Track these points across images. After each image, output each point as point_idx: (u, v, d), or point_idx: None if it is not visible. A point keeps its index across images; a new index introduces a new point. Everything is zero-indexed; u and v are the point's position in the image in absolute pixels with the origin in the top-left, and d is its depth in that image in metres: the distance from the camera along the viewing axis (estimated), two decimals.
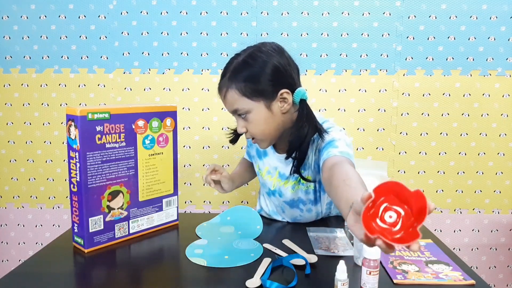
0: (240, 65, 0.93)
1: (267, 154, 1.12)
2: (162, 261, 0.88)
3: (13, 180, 1.72)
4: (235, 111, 0.96)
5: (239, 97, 0.93)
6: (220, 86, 0.98)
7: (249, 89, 0.92)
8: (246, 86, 0.92)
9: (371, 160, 1.64)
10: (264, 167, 1.14)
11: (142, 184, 1.00)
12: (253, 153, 1.19)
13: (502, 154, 1.66)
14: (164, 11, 1.59)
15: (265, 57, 0.93)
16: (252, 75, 0.92)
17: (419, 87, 1.62)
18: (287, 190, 1.09)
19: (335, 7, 1.57)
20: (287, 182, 1.09)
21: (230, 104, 0.96)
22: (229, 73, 0.94)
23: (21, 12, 1.60)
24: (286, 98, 0.95)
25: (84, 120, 0.86)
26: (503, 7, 1.55)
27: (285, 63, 0.95)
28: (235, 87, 0.93)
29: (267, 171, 1.13)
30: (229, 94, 0.94)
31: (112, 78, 1.64)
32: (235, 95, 0.93)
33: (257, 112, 0.94)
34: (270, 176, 1.12)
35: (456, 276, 0.80)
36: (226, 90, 0.94)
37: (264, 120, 0.95)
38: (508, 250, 1.74)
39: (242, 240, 0.98)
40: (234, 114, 0.99)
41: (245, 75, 0.92)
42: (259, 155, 1.16)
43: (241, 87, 0.92)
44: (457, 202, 1.70)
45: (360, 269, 0.75)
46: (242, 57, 0.94)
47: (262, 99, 0.93)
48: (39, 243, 1.76)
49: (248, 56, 0.94)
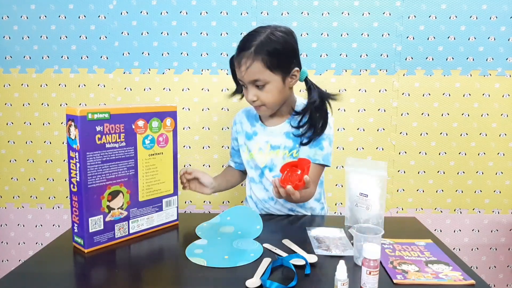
0: (266, 40, 1.03)
1: (257, 133, 1.21)
2: (162, 261, 0.88)
3: (13, 180, 1.72)
4: (255, 81, 1.06)
5: (263, 69, 1.04)
6: (241, 57, 1.05)
7: (273, 62, 1.03)
8: (271, 59, 1.03)
9: (371, 160, 1.64)
10: (255, 147, 1.21)
11: (142, 184, 1.00)
12: (242, 140, 1.25)
13: (502, 154, 1.66)
14: (164, 11, 1.59)
15: (285, 36, 1.06)
16: (276, 50, 1.03)
17: (419, 87, 1.62)
18: (279, 161, 1.17)
19: (335, 7, 1.57)
20: (278, 152, 1.17)
21: (252, 75, 1.04)
22: (254, 47, 1.03)
23: (21, 12, 1.60)
24: (295, 75, 1.10)
25: (84, 120, 0.86)
26: (503, 7, 1.55)
27: (296, 44, 1.10)
28: (261, 59, 1.03)
29: (259, 148, 1.20)
30: (254, 65, 1.03)
31: (112, 78, 1.64)
32: (260, 67, 1.03)
33: (274, 84, 1.06)
34: (261, 152, 1.19)
35: (456, 276, 0.80)
36: (252, 61, 1.03)
37: (277, 91, 1.08)
38: (508, 250, 1.74)
39: (242, 240, 0.98)
40: (250, 84, 1.07)
41: (271, 49, 1.03)
42: (248, 138, 1.23)
43: (267, 60, 1.03)
44: (457, 202, 1.70)
45: (360, 269, 0.75)
46: (265, 34, 1.04)
47: (280, 73, 1.06)
48: (39, 243, 1.76)
49: (270, 33, 1.04)
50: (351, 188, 1.05)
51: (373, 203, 1.01)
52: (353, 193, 1.05)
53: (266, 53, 1.02)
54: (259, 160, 1.20)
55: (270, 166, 1.19)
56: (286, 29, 1.08)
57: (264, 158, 1.19)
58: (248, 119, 1.25)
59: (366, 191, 1.02)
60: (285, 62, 1.06)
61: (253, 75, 1.04)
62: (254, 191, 1.25)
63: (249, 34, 1.07)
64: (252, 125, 1.24)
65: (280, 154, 1.17)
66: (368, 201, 1.01)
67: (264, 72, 1.04)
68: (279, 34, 1.04)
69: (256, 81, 1.05)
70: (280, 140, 1.17)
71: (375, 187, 1.01)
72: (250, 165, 1.24)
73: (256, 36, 1.04)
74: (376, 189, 1.00)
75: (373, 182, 1.01)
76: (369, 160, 1.65)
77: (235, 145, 1.31)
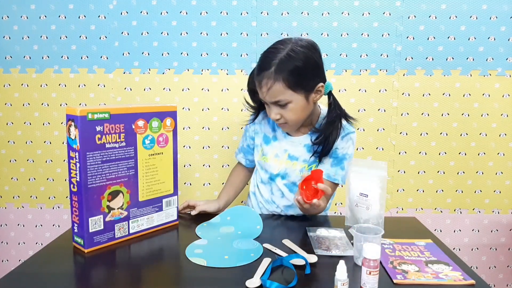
0: (286, 58, 0.99)
1: (277, 139, 1.18)
2: (162, 261, 0.88)
3: (13, 180, 1.72)
4: (277, 102, 1.03)
5: (284, 89, 1.00)
6: (262, 77, 1.01)
7: (294, 82, 1.00)
8: (292, 79, 0.99)
9: (371, 160, 1.64)
10: (271, 152, 1.18)
11: (142, 184, 1.00)
12: (259, 141, 1.22)
13: (502, 154, 1.66)
14: (164, 11, 1.59)
15: (307, 52, 1.01)
16: (297, 69, 0.99)
17: (419, 87, 1.62)
18: (294, 172, 1.16)
19: (335, 7, 1.57)
20: (295, 164, 1.16)
21: (274, 96, 1.01)
22: (274, 66, 0.99)
23: (21, 12, 1.60)
24: (320, 90, 1.06)
25: (84, 120, 0.86)
26: (503, 7, 1.55)
27: (320, 57, 1.05)
28: (282, 80, 0.99)
29: (275, 155, 1.18)
30: (276, 86, 1.00)
31: (112, 78, 1.64)
32: (281, 88, 1.00)
33: (296, 102, 1.03)
34: (277, 159, 1.17)
35: (456, 276, 0.80)
36: (273, 82, 0.99)
37: (301, 110, 1.05)
38: (508, 250, 1.74)
39: (242, 240, 0.98)
40: (271, 104, 1.04)
41: (291, 68, 0.99)
42: (266, 141, 1.20)
43: (288, 80, 0.99)
44: (457, 202, 1.70)
45: (360, 269, 0.75)
46: (285, 51, 0.99)
47: (303, 91, 1.02)
48: (39, 243, 1.76)
49: (291, 50, 1.00)
50: (351, 188, 1.05)
51: (373, 203, 1.01)
52: (353, 193, 1.05)
53: (287, 73, 0.98)
54: (273, 166, 1.18)
55: (283, 175, 1.17)
56: (308, 42, 1.03)
57: (279, 166, 1.17)
58: (270, 121, 1.21)
59: (366, 191, 1.02)
60: (307, 80, 1.02)
61: (275, 96, 1.01)
62: (260, 190, 1.23)
63: (268, 52, 1.03)
64: (273, 129, 1.20)
65: (298, 166, 1.15)
66: (368, 201, 1.01)
67: (286, 92, 1.01)
68: (299, 50, 1.00)
69: (278, 102, 1.03)
70: (300, 152, 1.15)
71: (375, 187, 1.01)
72: (261, 166, 1.22)
73: (276, 53, 1.00)
74: (376, 189, 1.01)
75: (373, 182, 1.01)
76: (369, 160, 1.65)
77: (250, 144, 1.26)
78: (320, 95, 1.07)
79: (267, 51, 1.04)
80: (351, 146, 1.15)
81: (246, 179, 1.35)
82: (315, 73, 1.03)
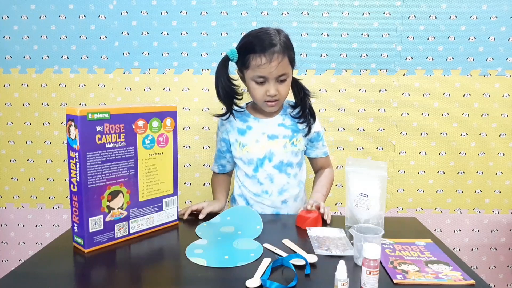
0: (286, 38, 1.13)
1: (251, 127, 1.23)
2: (162, 261, 0.88)
3: (13, 180, 1.72)
4: (281, 75, 1.12)
5: (288, 64, 1.13)
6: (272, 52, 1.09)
7: (293, 59, 1.15)
8: (292, 56, 1.14)
9: (371, 160, 1.64)
10: (250, 140, 1.22)
11: (142, 184, 1.00)
12: (233, 137, 1.25)
13: (502, 154, 1.66)
14: (164, 11, 1.59)
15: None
16: (291, 47, 1.15)
17: (419, 87, 1.62)
18: (279, 150, 1.21)
19: (335, 7, 1.57)
20: (277, 142, 1.21)
21: (282, 69, 1.11)
22: (282, 44, 1.10)
23: (21, 12, 1.60)
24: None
25: (84, 120, 0.86)
26: (503, 7, 1.56)
27: None
28: (287, 56, 1.12)
29: (256, 141, 1.22)
30: (285, 61, 1.11)
31: (112, 78, 1.64)
32: (287, 62, 1.12)
33: (290, 78, 1.17)
34: (258, 144, 1.21)
35: (456, 276, 0.80)
36: (283, 57, 1.10)
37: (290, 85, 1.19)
38: (508, 250, 1.74)
39: (242, 240, 0.98)
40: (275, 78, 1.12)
41: (292, 47, 1.15)
42: (241, 132, 1.23)
43: (291, 56, 1.13)
44: (457, 202, 1.70)
45: (360, 269, 0.75)
46: (281, 34, 1.13)
47: (293, 68, 1.17)
48: (39, 243, 1.77)
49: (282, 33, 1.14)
50: (351, 188, 1.05)
51: (373, 203, 1.01)
52: (353, 193, 1.04)
53: (289, 50, 1.12)
54: (257, 151, 1.21)
55: (269, 156, 1.21)
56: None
57: (263, 149, 1.21)
58: (237, 117, 1.25)
59: (366, 191, 1.02)
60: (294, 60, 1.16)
61: (282, 70, 1.11)
62: (247, 186, 1.24)
63: (266, 33, 1.11)
64: (243, 121, 1.24)
65: (280, 143, 1.21)
66: (368, 201, 1.01)
67: (289, 67, 1.14)
68: (285, 34, 1.15)
69: (282, 75, 1.12)
70: (278, 131, 1.22)
71: (375, 187, 1.01)
72: (243, 161, 1.24)
73: (274, 35, 1.11)
74: (376, 189, 1.00)
75: (373, 182, 1.01)
76: (369, 160, 1.65)
77: (222, 146, 1.29)
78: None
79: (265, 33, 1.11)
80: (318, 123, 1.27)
81: (227, 183, 1.36)
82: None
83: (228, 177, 1.36)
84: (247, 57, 1.11)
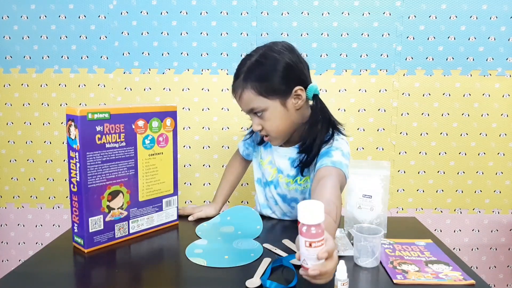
0: (254, 65, 0.96)
1: (271, 146, 1.12)
2: (162, 261, 0.88)
3: (13, 180, 1.72)
4: (251, 110, 0.99)
5: (254, 96, 0.96)
6: (234, 87, 1.00)
7: (264, 87, 0.94)
8: (261, 85, 0.95)
9: (373, 161, 1.64)
10: (266, 157, 1.15)
11: (142, 184, 1.00)
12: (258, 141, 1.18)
13: (502, 154, 1.66)
14: (164, 11, 1.59)
15: (277, 56, 0.95)
16: (266, 73, 0.95)
17: (419, 87, 1.62)
18: (283, 185, 1.11)
19: (335, 7, 1.57)
20: (281, 177, 1.11)
21: (246, 104, 0.98)
22: (243, 74, 0.96)
23: (21, 12, 1.60)
24: (300, 95, 0.98)
25: (84, 120, 0.86)
26: (503, 7, 1.55)
27: (296, 60, 0.98)
28: (250, 87, 0.95)
29: (269, 161, 1.14)
30: (245, 94, 0.96)
31: (112, 78, 1.64)
32: (251, 95, 0.96)
33: (273, 109, 0.96)
34: (270, 166, 1.13)
35: (456, 276, 0.80)
36: (242, 90, 0.97)
37: (280, 118, 0.98)
38: (508, 250, 1.74)
39: (242, 240, 0.98)
40: (250, 113, 1.01)
41: (259, 74, 0.95)
42: (265, 145, 1.16)
43: (256, 86, 0.95)
44: (457, 202, 1.70)
45: (360, 269, 0.75)
46: (254, 57, 0.96)
47: (277, 97, 0.96)
48: (39, 243, 1.76)
49: (260, 56, 0.96)
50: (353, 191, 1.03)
51: (376, 203, 1.00)
52: (355, 195, 1.03)
53: (255, 79, 0.94)
54: (268, 172, 1.14)
55: (275, 184, 1.13)
56: (283, 46, 0.98)
57: (272, 174, 1.13)
58: None
59: (370, 192, 1.00)
60: (280, 84, 0.95)
61: (247, 105, 0.98)
62: (257, 192, 1.20)
63: (242, 60, 1.00)
64: None
65: (283, 180, 1.10)
66: (372, 202, 1.00)
67: (257, 100, 0.95)
68: (270, 55, 0.95)
69: (253, 110, 0.98)
70: (284, 165, 1.09)
71: (379, 187, 1.00)
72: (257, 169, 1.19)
73: (246, 61, 0.97)
74: (379, 189, 1.00)
75: (376, 183, 1.00)
76: (370, 160, 1.65)
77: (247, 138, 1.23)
78: (301, 100, 0.98)
79: (241, 60, 1.00)
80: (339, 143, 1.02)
81: (241, 174, 1.31)
82: (289, 77, 0.96)
83: (245, 166, 1.30)
84: None
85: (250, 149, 1.25)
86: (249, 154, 1.26)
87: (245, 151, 1.27)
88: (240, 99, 0.99)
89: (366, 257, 0.83)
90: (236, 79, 0.99)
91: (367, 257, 0.83)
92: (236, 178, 1.31)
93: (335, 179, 0.91)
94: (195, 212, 1.15)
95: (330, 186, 0.87)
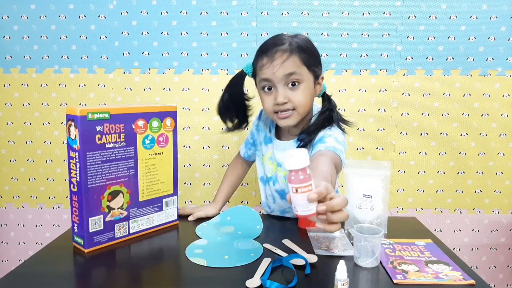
0: (302, 41, 1.00)
1: (271, 141, 1.15)
2: (162, 261, 0.88)
3: (13, 180, 1.72)
4: (289, 75, 0.97)
5: (300, 64, 0.98)
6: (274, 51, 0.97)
7: (310, 60, 0.99)
8: (308, 57, 0.99)
9: (373, 161, 1.64)
10: (267, 152, 1.16)
11: (142, 184, 1.00)
12: (261, 139, 1.20)
13: (502, 154, 1.66)
14: (164, 11, 1.59)
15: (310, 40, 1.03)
16: (313, 51, 1.01)
17: (419, 87, 1.62)
18: (280, 179, 1.12)
19: (335, 7, 1.57)
20: (280, 170, 1.12)
21: (288, 68, 0.97)
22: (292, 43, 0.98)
23: (21, 12, 1.60)
24: (320, 83, 1.06)
25: (84, 120, 0.86)
26: (503, 7, 1.55)
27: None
28: (298, 55, 0.98)
29: (269, 157, 1.15)
30: (291, 59, 0.97)
31: (112, 78, 1.64)
32: (297, 61, 0.98)
33: (308, 83, 1.00)
34: (271, 161, 1.15)
35: (456, 276, 0.80)
36: (289, 54, 0.97)
37: (309, 94, 1.02)
38: (508, 250, 1.74)
39: (242, 240, 0.98)
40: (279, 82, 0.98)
41: (308, 49, 1.00)
42: (266, 141, 1.18)
43: (304, 57, 0.98)
44: (457, 202, 1.70)
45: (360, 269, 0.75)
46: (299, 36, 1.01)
47: (313, 75, 1.01)
48: (39, 243, 1.76)
49: (304, 38, 1.02)
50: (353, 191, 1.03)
51: (377, 203, 1.00)
52: (355, 195, 1.03)
53: (304, 51, 0.98)
54: (268, 168, 1.16)
55: (274, 180, 1.15)
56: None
57: (272, 169, 1.15)
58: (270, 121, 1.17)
59: (370, 191, 1.00)
60: (316, 63, 1.02)
61: (289, 68, 0.97)
62: (260, 190, 1.22)
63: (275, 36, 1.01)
64: (269, 130, 1.17)
65: (281, 173, 1.11)
66: (372, 202, 1.00)
67: (301, 68, 0.98)
68: (303, 37, 1.02)
69: (292, 74, 0.97)
70: (283, 158, 1.10)
71: (379, 187, 1.00)
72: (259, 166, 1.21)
73: (285, 36, 1.00)
74: (379, 189, 1.00)
75: (377, 182, 1.00)
76: (370, 160, 1.65)
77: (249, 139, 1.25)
78: (320, 89, 1.06)
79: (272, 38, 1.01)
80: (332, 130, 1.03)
81: (242, 175, 1.33)
82: (319, 61, 1.04)
83: (247, 167, 1.33)
84: (254, 64, 1.03)
85: (252, 149, 1.27)
86: (251, 155, 1.28)
87: (247, 152, 1.28)
88: (283, 62, 0.96)
89: (366, 257, 0.83)
90: (280, 45, 0.97)
91: (367, 257, 0.83)
92: (237, 179, 1.32)
93: (329, 158, 0.90)
94: (195, 212, 1.15)
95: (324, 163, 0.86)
